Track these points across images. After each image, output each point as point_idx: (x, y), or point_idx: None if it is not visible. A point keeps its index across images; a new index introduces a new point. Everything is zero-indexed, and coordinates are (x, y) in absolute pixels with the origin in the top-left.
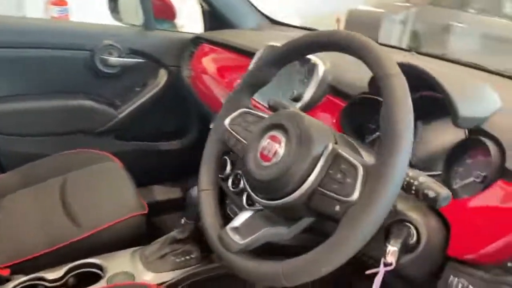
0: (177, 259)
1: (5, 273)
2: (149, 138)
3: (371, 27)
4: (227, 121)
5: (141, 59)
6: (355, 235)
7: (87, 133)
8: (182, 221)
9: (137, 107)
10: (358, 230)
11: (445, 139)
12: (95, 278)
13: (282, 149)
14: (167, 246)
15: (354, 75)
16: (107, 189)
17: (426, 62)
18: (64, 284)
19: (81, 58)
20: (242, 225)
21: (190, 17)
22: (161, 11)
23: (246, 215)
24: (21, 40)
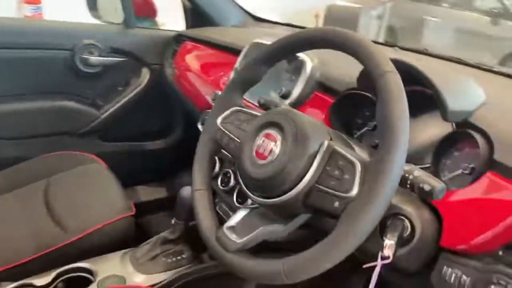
0: (168, 260)
1: None
2: (133, 138)
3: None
4: (219, 120)
5: (122, 58)
6: (356, 230)
7: (69, 135)
8: (173, 221)
9: (120, 107)
10: (359, 225)
11: (432, 132)
12: (85, 283)
13: (277, 147)
14: (157, 247)
15: (341, 71)
16: (93, 191)
17: (409, 57)
18: None
19: (61, 58)
20: (238, 224)
21: (171, 15)
22: (142, 9)
23: (241, 214)
24: None
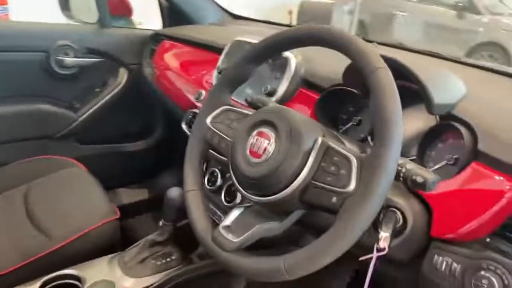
0: (157, 262)
1: None
2: (112, 139)
3: (323, 17)
4: (208, 120)
5: (99, 58)
6: (355, 224)
7: (46, 139)
8: (161, 223)
9: (97, 109)
10: (358, 219)
11: (417, 125)
12: None
13: (271, 146)
14: (146, 250)
15: (325, 68)
16: (75, 196)
17: (388, 52)
18: None
19: (35, 60)
20: (234, 223)
21: (147, 14)
22: (117, 8)
23: (236, 213)
24: None
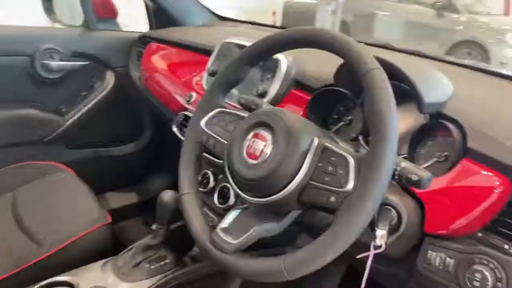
0: (152, 266)
1: None
2: (101, 143)
3: (307, 18)
4: (203, 122)
5: (85, 62)
6: (355, 223)
7: (33, 144)
8: (154, 226)
9: (85, 113)
10: (357, 218)
11: (407, 124)
12: None
13: (268, 147)
14: (140, 254)
15: (315, 68)
16: (65, 201)
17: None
18: None
19: (20, 64)
20: (232, 225)
21: (132, 17)
22: (101, 10)
23: (233, 214)
24: None
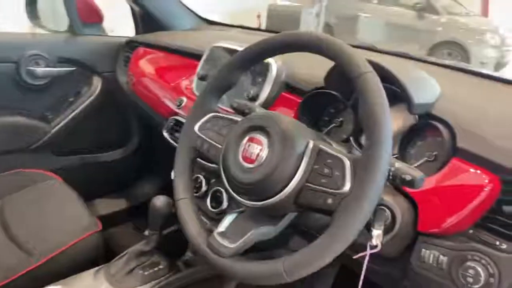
0: (145, 272)
1: None
2: (89, 150)
3: (291, 20)
4: (196, 127)
5: (71, 67)
6: (352, 224)
7: (20, 152)
8: (146, 232)
9: (72, 119)
10: (355, 219)
11: (398, 125)
12: None
13: (264, 151)
14: (133, 260)
15: (305, 71)
16: (54, 209)
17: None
18: None
19: (4, 71)
20: (228, 229)
21: (118, 21)
22: (86, 15)
23: (229, 218)
24: None
